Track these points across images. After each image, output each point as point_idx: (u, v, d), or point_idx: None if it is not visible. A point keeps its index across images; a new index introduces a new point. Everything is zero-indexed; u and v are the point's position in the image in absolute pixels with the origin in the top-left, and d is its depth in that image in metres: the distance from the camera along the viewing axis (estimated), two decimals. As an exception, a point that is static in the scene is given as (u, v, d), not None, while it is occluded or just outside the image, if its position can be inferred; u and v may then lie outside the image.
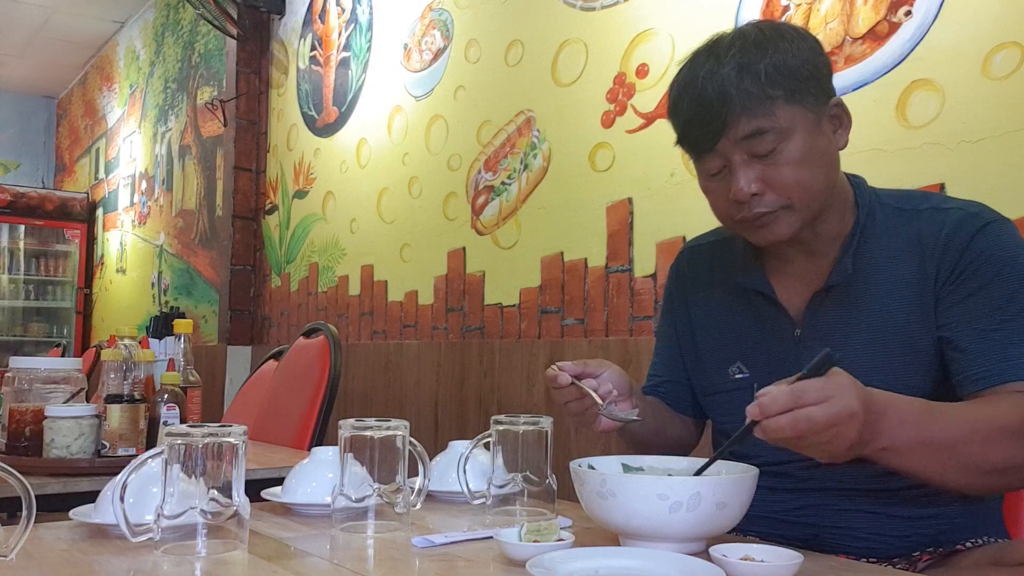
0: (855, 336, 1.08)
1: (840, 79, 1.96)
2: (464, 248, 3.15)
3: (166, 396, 1.67)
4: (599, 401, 1.09)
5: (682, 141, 1.11)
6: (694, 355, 1.26)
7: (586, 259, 2.63)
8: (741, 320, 1.20)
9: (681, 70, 1.11)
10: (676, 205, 2.34)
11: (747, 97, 1.02)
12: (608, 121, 2.57)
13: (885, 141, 1.88)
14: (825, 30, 2.00)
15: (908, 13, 1.85)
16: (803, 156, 1.04)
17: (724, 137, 1.04)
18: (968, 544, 1.05)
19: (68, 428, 1.53)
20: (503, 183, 2.97)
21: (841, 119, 1.09)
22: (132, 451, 1.56)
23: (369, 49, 3.85)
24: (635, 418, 1.10)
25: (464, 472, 1.19)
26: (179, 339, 1.83)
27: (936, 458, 0.92)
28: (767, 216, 1.06)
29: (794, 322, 1.13)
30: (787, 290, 1.14)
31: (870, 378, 1.03)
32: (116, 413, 1.57)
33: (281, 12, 4.63)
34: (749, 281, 1.17)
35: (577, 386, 1.10)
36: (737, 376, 1.18)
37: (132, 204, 6.58)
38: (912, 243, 1.08)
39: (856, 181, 1.15)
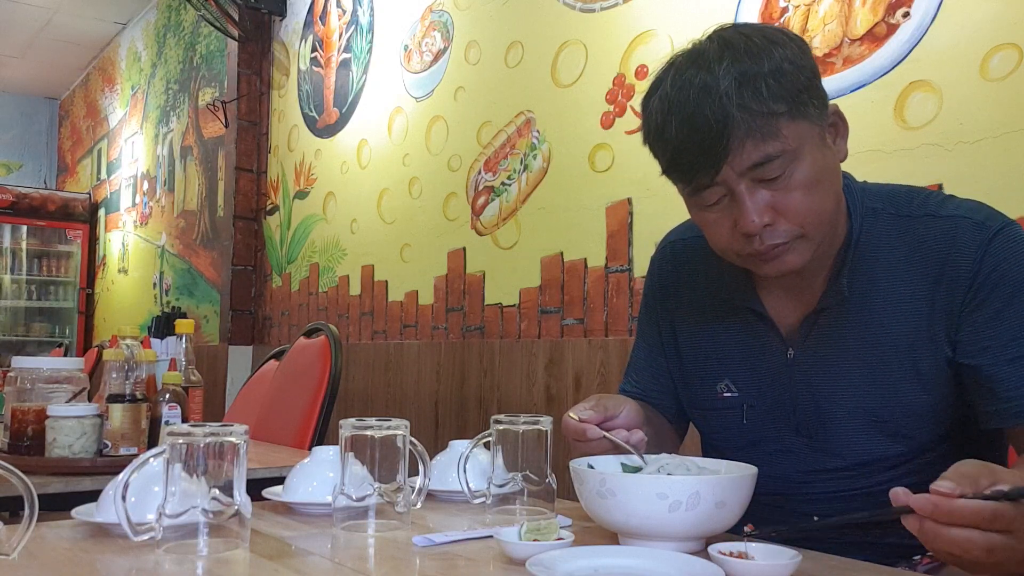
0: (853, 357, 1.02)
1: (839, 80, 1.97)
2: (464, 248, 3.15)
3: (168, 396, 1.67)
4: (643, 463, 0.99)
5: (671, 171, 0.97)
6: (679, 366, 1.19)
7: (586, 259, 2.63)
8: (730, 336, 1.11)
9: (660, 86, 0.95)
10: (676, 205, 2.29)
11: (751, 117, 0.87)
12: (608, 122, 2.58)
13: (883, 142, 1.89)
14: (823, 31, 2.00)
15: (906, 15, 1.85)
16: (814, 178, 0.92)
17: (727, 165, 0.90)
18: None
19: (70, 428, 1.54)
20: (503, 184, 2.97)
21: (838, 127, 0.98)
22: (134, 450, 1.57)
23: (370, 50, 3.85)
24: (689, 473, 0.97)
25: (464, 471, 1.19)
26: (180, 339, 1.83)
27: None
28: (780, 247, 0.94)
29: (786, 342, 1.06)
30: (779, 308, 1.07)
31: (868, 401, 1.00)
32: (118, 413, 1.58)
33: (282, 14, 4.64)
34: (739, 298, 1.09)
35: (609, 440, 1.01)
36: (726, 395, 1.12)
37: (134, 205, 6.58)
38: (913, 255, 0.99)
39: (846, 183, 1.03)
